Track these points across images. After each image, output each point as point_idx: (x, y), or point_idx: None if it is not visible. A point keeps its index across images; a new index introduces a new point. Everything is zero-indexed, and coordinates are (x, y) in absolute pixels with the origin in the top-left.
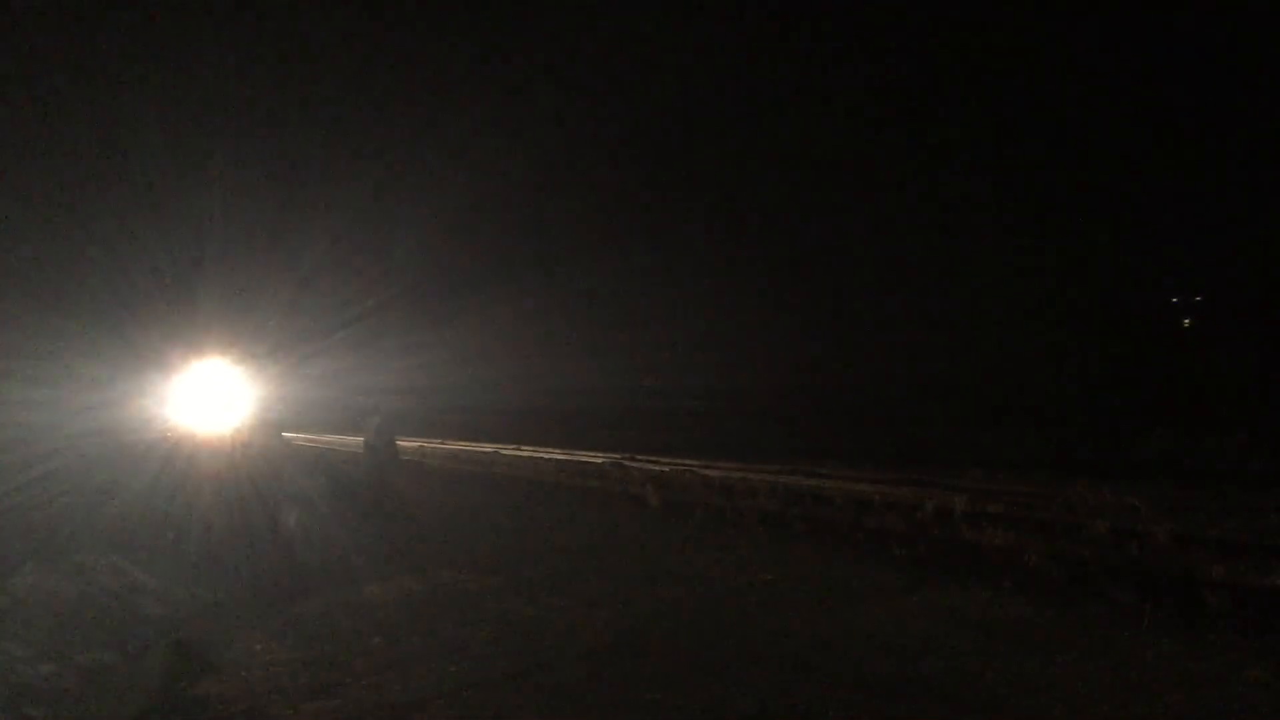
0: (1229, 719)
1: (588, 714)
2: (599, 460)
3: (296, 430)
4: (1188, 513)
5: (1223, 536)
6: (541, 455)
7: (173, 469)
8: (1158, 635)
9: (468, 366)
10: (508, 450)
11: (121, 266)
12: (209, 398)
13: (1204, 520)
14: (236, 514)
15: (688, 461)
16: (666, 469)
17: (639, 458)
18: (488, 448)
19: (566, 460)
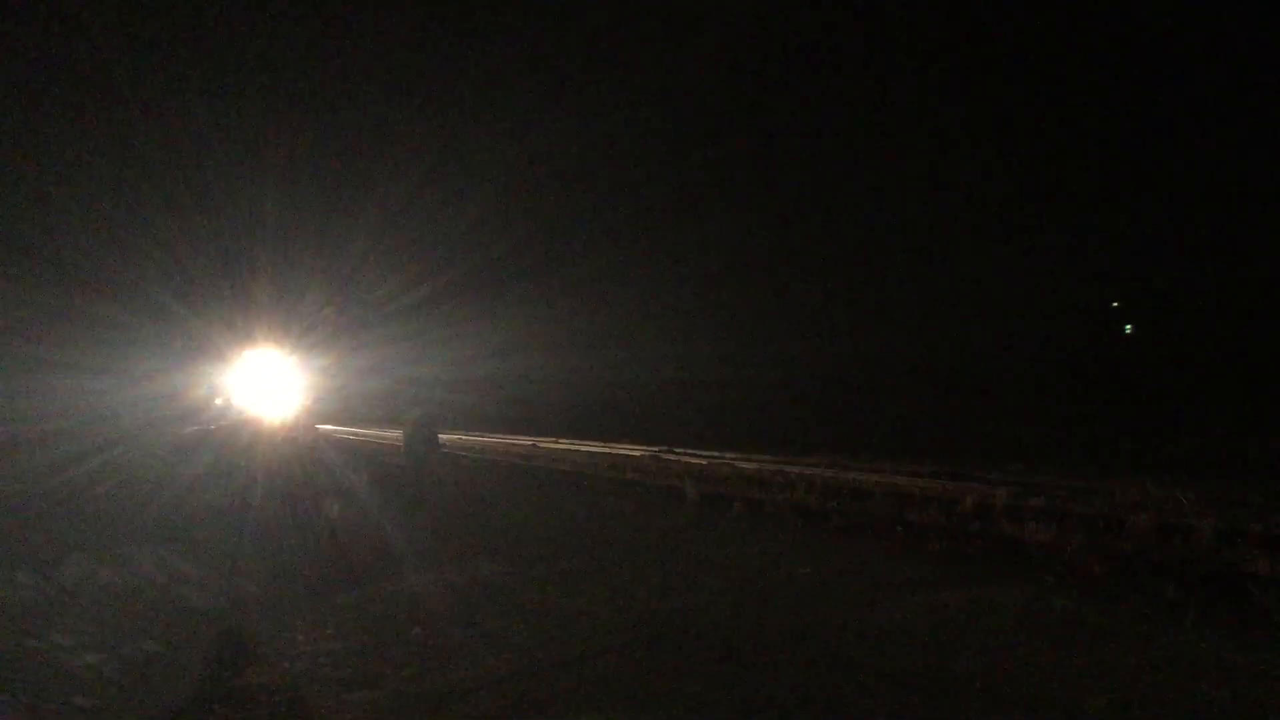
0: (1273, 715)
1: (629, 705)
2: (638, 453)
3: (343, 422)
4: (1231, 507)
5: (1267, 531)
6: (581, 448)
7: (223, 460)
8: (1202, 630)
9: (510, 359)
10: (547, 442)
11: (179, 261)
12: (260, 389)
13: (1247, 515)
14: (282, 505)
15: (726, 454)
16: (705, 462)
17: (677, 450)
18: (528, 440)
19: (606, 453)
